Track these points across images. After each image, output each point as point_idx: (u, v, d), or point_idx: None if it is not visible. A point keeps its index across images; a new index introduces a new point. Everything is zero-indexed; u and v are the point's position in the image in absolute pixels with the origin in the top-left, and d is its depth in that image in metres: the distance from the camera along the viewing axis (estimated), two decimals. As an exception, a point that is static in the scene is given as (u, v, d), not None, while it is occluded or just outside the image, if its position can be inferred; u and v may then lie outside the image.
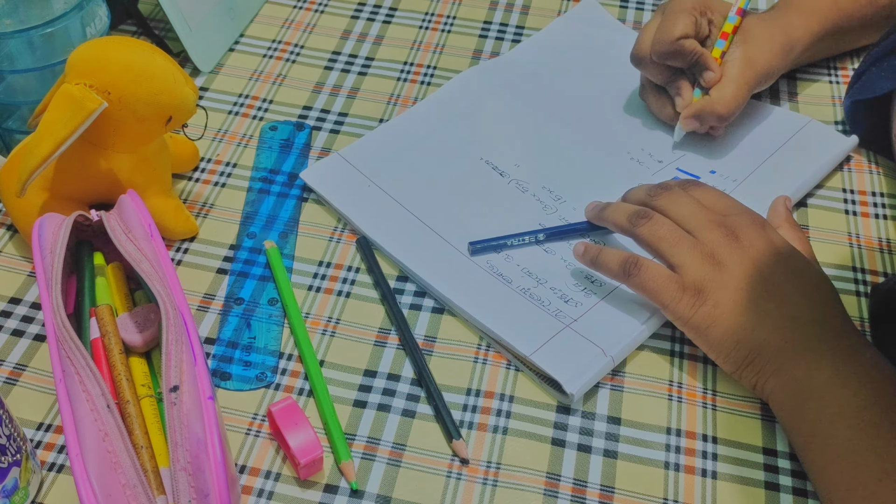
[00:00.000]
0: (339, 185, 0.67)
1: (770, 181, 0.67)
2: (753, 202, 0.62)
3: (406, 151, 0.70)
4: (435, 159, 0.70)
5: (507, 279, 0.61)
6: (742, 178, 0.68)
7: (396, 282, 0.62)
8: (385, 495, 0.52)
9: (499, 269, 0.62)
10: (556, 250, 0.63)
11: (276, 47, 0.80)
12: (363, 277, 0.63)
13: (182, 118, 0.59)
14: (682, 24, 0.67)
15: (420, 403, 0.56)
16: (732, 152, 0.70)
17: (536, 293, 0.60)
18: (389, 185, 0.67)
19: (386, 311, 0.61)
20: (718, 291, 0.54)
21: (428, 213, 0.65)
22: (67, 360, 0.46)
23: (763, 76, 0.68)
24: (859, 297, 0.62)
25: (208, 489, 0.42)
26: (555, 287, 0.61)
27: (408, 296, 0.61)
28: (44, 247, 0.51)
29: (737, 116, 0.68)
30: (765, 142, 0.70)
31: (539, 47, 0.80)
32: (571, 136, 0.72)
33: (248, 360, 0.58)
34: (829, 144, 0.69)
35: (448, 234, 0.64)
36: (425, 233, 0.64)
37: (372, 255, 0.63)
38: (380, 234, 0.64)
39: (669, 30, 0.67)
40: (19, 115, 0.68)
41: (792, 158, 0.69)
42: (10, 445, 0.47)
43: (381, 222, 0.65)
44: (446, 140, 0.71)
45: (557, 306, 0.60)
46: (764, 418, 0.55)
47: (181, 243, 0.65)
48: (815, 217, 0.67)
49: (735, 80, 0.67)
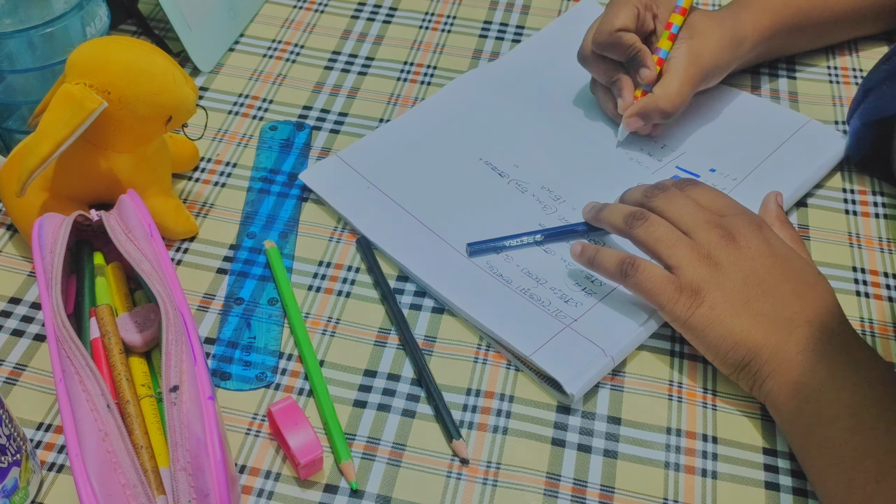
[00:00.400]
0: (338, 186, 0.67)
1: (769, 180, 0.67)
2: (753, 201, 0.62)
3: (405, 152, 0.70)
4: (434, 160, 0.69)
5: (507, 279, 0.61)
6: (742, 176, 0.68)
7: (396, 282, 0.62)
8: (385, 495, 0.52)
9: (498, 270, 0.62)
10: (556, 251, 0.63)
11: (276, 47, 0.80)
12: (363, 277, 0.63)
13: (182, 118, 0.59)
14: (624, 15, 0.66)
15: (420, 403, 0.56)
16: (732, 150, 0.70)
17: (536, 293, 0.60)
18: (388, 186, 0.67)
19: (386, 311, 0.61)
20: (715, 293, 0.54)
21: (427, 214, 0.65)
22: (67, 359, 0.46)
23: (709, 72, 0.68)
24: (859, 297, 0.62)
25: (208, 489, 0.42)
26: (555, 287, 0.61)
27: (408, 296, 0.61)
28: (44, 247, 0.51)
29: (737, 113, 0.68)
30: (765, 140, 0.70)
31: (539, 48, 0.80)
32: (571, 137, 0.72)
33: (248, 360, 0.58)
34: (828, 144, 0.69)
35: (447, 235, 0.64)
36: (425, 234, 0.64)
37: (372, 255, 0.63)
38: (379, 235, 0.64)
39: (610, 21, 0.66)
40: (19, 114, 0.68)
41: (792, 157, 0.69)
42: (10, 445, 0.47)
43: (380, 224, 0.65)
44: (445, 141, 0.71)
45: (557, 306, 0.59)
46: (764, 418, 0.55)
47: (181, 243, 0.65)
48: (815, 217, 0.67)
49: (679, 76, 0.66)
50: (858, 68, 0.78)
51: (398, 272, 0.63)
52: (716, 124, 0.72)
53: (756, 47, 0.71)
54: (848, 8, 0.75)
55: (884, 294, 0.62)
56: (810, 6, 0.73)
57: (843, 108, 0.75)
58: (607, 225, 0.60)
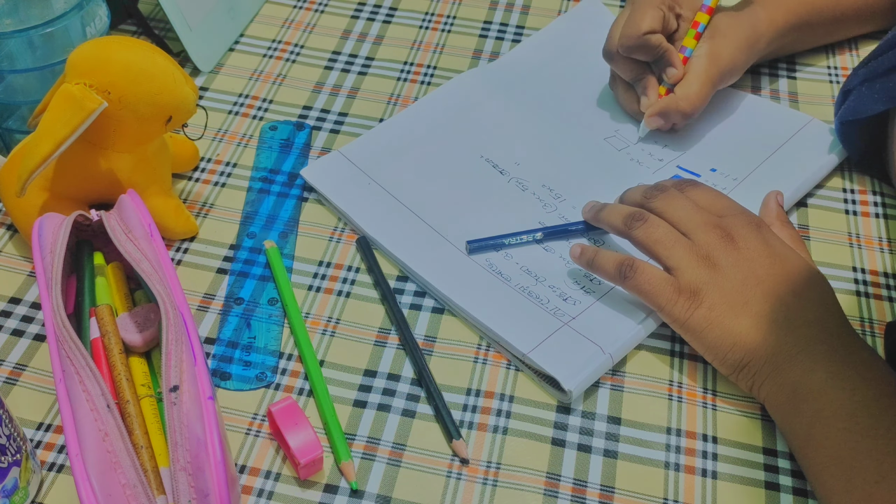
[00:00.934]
0: (339, 182, 0.67)
1: (770, 180, 0.67)
2: (753, 201, 0.62)
3: (406, 149, 0.70)
4: (435, 157, 0.69)
5: (506, 277, 0.61)
6: (743, 176, 0.68)
7: (396, 282, 0.62)
8: (385, 495, 0.52)
9: (498, 268, 0.62)
10: (556, 249, 0.63)
11: (276, 47, 0.80)
12: (363, 277, 0.63)
13: (182, 118, 0.59)
14: (650, 18, 0.67)
15: (420, 403, 0.56)
16: (733, 150, 0.70)
17: (535, 291, 0.60)
18: (390, 182, 0.67)
19: (386, 311, 0.61)
20: (714, 294, 0.54)
21: (428, 210, 0.65)
22: (67, 359, 0.46)
23: (727, 72, 0.69)
24: (859, 297, 0.62)
25: (208, 489, 0.42)
26: (553, 285, 0.61)
27: (408, 296, 0.61)
28: (44, 247, 0.51)
29: (738, 113, 0.68)
30: (766, 140, 0.70)
31: (540, 46, 0.79)
32: (572, 135, 0.72)
33: (248, 360, 0.58)
34: (829, 145, 0.69)
35: (448, 232, 0.64)
36: (425, 231, 0.64)
37: (372, 255, 0.63)
38: (379, 231, 0.64)
39: (637, 24, 0.67)
40: (19, 114, 0.68)
41: (793, 157, 0.69)
42: (10, 445, 0.47)
43: (380, 220, 0.65)
44: (446, 138, 0.71)
45: (556, 304, 0.59)
46: (764, 418, 0.55)
47: (181, 243, 0.65)
48: (815, 217, 0.67)
49: (699, 77, 0.67)
50: (858, 68, 0.78)
51: (398, 272, 0.63)
52: (717, 124, 0.72)
53: (770, 45, 0.72)
54: (859, 3, 0.75)
55: (884, 294, 0.62)
56: (823, 3, 0.73)
57: (843, 108, 0.75)
58: (606, 225, 0.60)
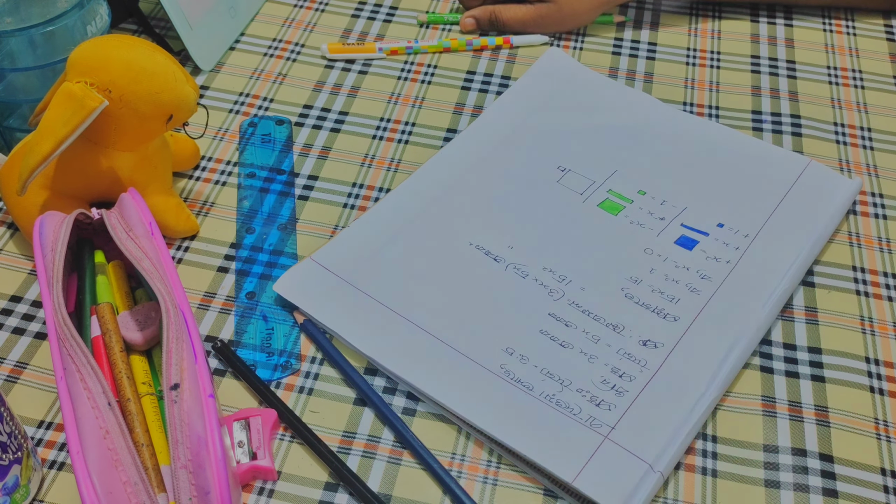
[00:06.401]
0: (318, 295, 0.59)
1: (784, 234, 0.63)
2: (771, 260, 0.61)
3: (387, 247, 0.62)
4: (420, 251, 0.62)
5: (528, 385, 0.55)
6: (754, 232, 0.63)
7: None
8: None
9: (516, 375, 0.55)
10: (574, 343, 0.57)
11: (276, 46, 0.80)
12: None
13: (183, 117, 0.59)
14: None
15: (420, 402, 0.56)
16: (737, 201, 0.66)
17: (563, 399, 0.54)
18: (374, 288, 0.59)
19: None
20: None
21: (423, 316, 0.58)
22: (68, 357, 0.46)
23: (569, 15, 0.79)
24: (859, 297, 0.62)
25: (209, 487, 0.42)
26: (581, 388, 0.54)
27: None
28: (45, 245, 0.51)
29: (734, 158, 0.68)
30: (769, 188, 0.66)
31: (507, 110, 0.73)
32: (560, 203, 0.65)
33: (270, 352, 0.58)
34: (834, 190, 0.66)
35: (452, 339, 0.57)
36: (426, 340, 0.57)
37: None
38: (374, 348, 0.57)
39: None
40: (20, 113, 0.68)
41: (801, 208, 0.65)
42: (11, 443, 0.47)
43: (373, 334, 0.57)
44: (428, 228, 0.63)
45: (589, 412, 0.53)
46: (764, 415, 0.55)
47: (182, 241, 0.65)
48: (815, 217, 0.67)
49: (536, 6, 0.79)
50: (858, 69, 0.78)
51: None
52: (714, 172, 0.68)
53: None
54: None
55: (884, 294, 0.62)
56: None
57: (842, 109, 0.75)
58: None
